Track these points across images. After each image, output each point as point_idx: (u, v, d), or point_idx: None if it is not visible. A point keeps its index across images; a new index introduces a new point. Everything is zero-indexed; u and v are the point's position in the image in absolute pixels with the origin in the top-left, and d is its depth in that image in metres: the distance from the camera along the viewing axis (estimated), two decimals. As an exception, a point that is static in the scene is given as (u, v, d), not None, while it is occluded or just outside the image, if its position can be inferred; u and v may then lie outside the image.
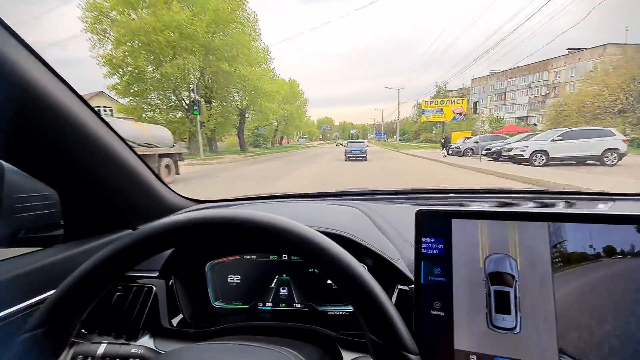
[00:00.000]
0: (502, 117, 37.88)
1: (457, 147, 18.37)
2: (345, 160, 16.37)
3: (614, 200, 0.84)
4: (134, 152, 0.72)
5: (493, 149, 13.62)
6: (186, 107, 20.48)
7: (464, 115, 33.46)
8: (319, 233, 0.34)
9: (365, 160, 16.26)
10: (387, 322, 0.31)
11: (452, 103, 34.19)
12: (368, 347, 0.32)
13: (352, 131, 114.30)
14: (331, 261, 0.32)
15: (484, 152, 13.91)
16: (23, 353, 0.32)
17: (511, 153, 11.91)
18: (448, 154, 16.96)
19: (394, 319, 0.31)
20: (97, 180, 0.65)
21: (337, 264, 0.32)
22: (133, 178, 0.71)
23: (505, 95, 47.63)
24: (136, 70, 18.57)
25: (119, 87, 18.97)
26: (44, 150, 0.57)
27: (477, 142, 16.69)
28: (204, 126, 18.03)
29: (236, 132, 27.88)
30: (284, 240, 0.33)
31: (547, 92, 41.74)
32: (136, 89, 19.22)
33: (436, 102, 34.52)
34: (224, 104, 23.59)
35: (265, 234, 0.34)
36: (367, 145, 18.53)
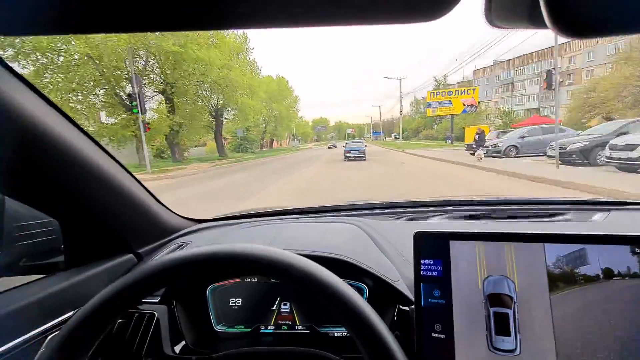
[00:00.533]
0: (511, 109, 31.57)
1: (495, 145, 12.80)
2: (345, 160, 15.51)
3: (609, 210, 0.84)
4: (132, 175, 0.72)
5: (573, 147, 8.52)
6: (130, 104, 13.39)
7: (475, 107, 29.04)
8: (320, 267, 0.35)
9: (365, 160, 15.18)
10: (386, 350, 0.32)
11: (461, 94, 29.17)
12: None
13: (348, 131, 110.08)
14: (332, 295, 0.34)
15: (559, 151, 7.93)
16: None
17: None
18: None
19: (393, 349, 0.32)
20: (96, 206, 0.66)
21: (336, 298, 0.34)
22: (132, 202, 0.72)
23: (512, 86, 42.79)
24: (48, 54, 12.81)
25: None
26: (43, 182, 0.57)
27: (523, 137, 12.51)
28: (149, 129, 13.49)
29: (218, 136, 23.64)
30: (284, 275, 0.35)
31: (561, 79, 36.05)
32: (51, 79, 13.45)
33: (443, 93, 29.75)
34: (186, 99, 18.72)
35: (269, 270, 0.35)
36: (366, 145, 17.42)
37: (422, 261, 0.50)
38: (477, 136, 13.51)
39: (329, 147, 39.77)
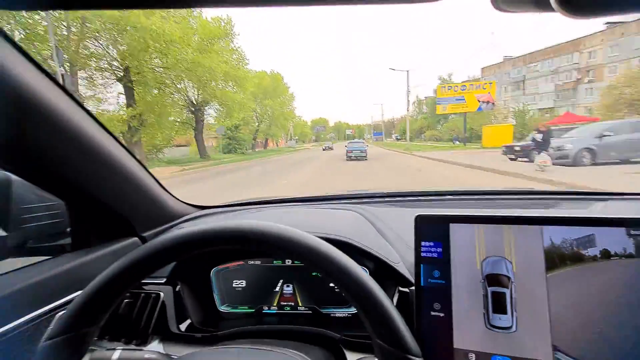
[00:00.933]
0: (525, 107, 27.18)
1: (560, 148, 8.73)
2: (347, 160, 15.34)
3: (606, 200, 0.86)
4: (137, 159, 0.73)
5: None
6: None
7: (492, 103, 25.28)
8: (324, 242, 0.36)
9: (366, 159, 15.00)
10: (392, 328, 0.33)
11: (475, 89, 25.33)
12: (375, 351, 0.34)
13: (348, 131, 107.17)
14: (338, 271, 0.34)
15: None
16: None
17: None
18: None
19: (399, 325, 0.33)
20: (102, 189, 0.67)
21: (344, 274, 0.34)
22: (137, 186, 0.73)
23: (524, 83, 39.49)
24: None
25: None
26: (50, 162, 0.58)
27: (602, 137, 8.60)
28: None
29: (198, 134, 20.17)
30: (291, 250, 0.35)
31: (580, 77, 33.15)
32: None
33: (456, 88, 25.85)
34: (151, 89, 15.06)
35: (274, 245, 0.36)
36: (367, 146, 17.43)
37: (423, 243, 0.51)
38: (539, 135, 8.99)
39: (323, 149, 33.37)
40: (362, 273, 0.35)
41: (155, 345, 0.64)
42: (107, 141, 0.65)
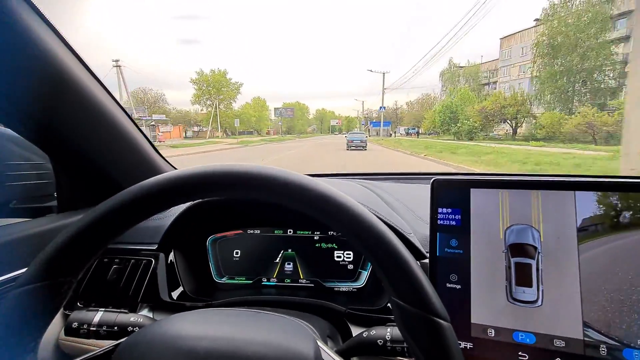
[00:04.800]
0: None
1: None
2: (347, 149, 16.06)
3: None
4: (131, 119, 0.68)
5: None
6: None
7: None
8: (337, 190, 0.31)
9: (365, 149, 15.69)
10: (417, 285, 0.27)
11: None
12: (393, 313, 0.29)
13: (333, 122, 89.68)
14: (353, 219, 0.29)
15: None
16: (14, 308, 0.29)
17: None
18: None
19: (424, 283, 0.28)
20: (92, 145, 0.62)
21: (360, 222, 0.29)
22: (130, 146, 0.68)
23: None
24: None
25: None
26: (38, 110, 0.53)
27: None
28: None
29: None
30: (300, 196, 0.30)
31: None
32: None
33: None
34: None
35: (281, 191, 0.30)
36: (367, 137, 18.26)
37: (440, 210, 0.47)
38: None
39: None
40: (377, 221, 0.30)
41: (145, 314, 0.60)
42: (101, 94, 0.60)
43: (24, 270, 0.54)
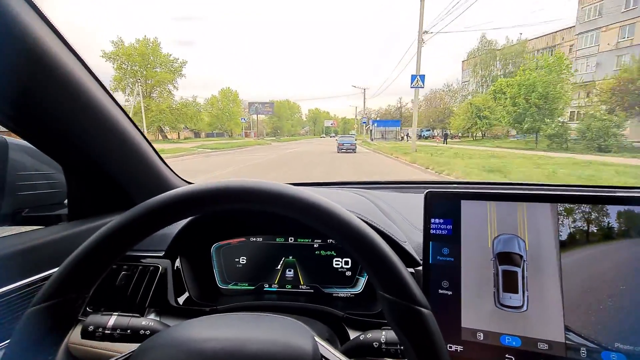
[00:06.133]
0: None
1: None
2: (338, 152, 16.38)
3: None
4: (141, 131, 0.71)
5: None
6: None
7: None
8: (322, 197, 0.34)
9: (355, 152, 16.03)
10: (398, 279, 0.31)
11: None
12: (381, 305, 0.32)
13: (328, 123, 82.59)
14: (338, 222, 0.32)
15: None
16: (30, 327, 0.31)
17: None
18: None
19: (405, 277, 0.31)
20: (103, 156, 0.65)
21: (345, 225, 0.32)
22: (139, 158, 0.71)
23: None
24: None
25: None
26: (52, 121, 0.56)
27: None
28: None
29: None
30: (290, 206, 0.33)
31: None
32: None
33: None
34: None
35: (274, 203, 0.33)
36: (356, 140, 18.54)
37: (432, 220, 0.50)
38: None
39: None
40: (362, 224, 0.33)
41: (153, 318, 0.62)
42: (113, 109, 0.63)
43: (32, 278, 0.57)
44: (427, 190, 0.50)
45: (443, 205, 0.50)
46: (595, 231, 0.42)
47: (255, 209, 0.35)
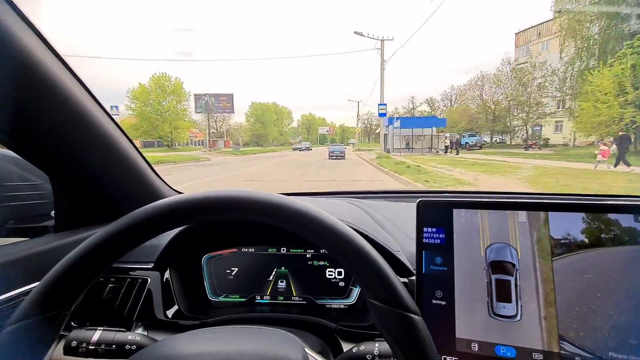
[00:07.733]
0: None
1: None
2: (328, 158, 17.56)
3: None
4: (131, 141, 0.70)
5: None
6: None
7: None
8: (309, 205, 0.33)
9: (344, 159, 17.22)
10: (387, 285, 0.30)
11: None
12: (370, 313, 0.32)
13: (323, 130, 73.88)
14: (324, 228, 0.32)
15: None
16: (6, 347, 0.29)
17: None
18: None
19: (394, 282, 0.31)
20: (91, 166, 0.64)
21: (330, 231, 0.32)
22: (128, 167, 0.70)
23: None
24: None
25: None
26: (39, 130, 0.55)
27: None
28: None
29: None
30: (275, 214, 0.32)
31: None
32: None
33: None
34: None
35: (261, 212, 0.33)
36: (345, 147, 19.53)
37: (425, 229, 0.50)
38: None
39: None
40: (349, 229, 0.32)
41: (140, 332, 0.60)
42: (101, 117, 0.62)
43: (16, 291, 0.55)
44: (420, 199, 0.50)
45: (435, 214, 0.50)
46: (587, 239, 0.43)
47: (243, 219, 0.34)
